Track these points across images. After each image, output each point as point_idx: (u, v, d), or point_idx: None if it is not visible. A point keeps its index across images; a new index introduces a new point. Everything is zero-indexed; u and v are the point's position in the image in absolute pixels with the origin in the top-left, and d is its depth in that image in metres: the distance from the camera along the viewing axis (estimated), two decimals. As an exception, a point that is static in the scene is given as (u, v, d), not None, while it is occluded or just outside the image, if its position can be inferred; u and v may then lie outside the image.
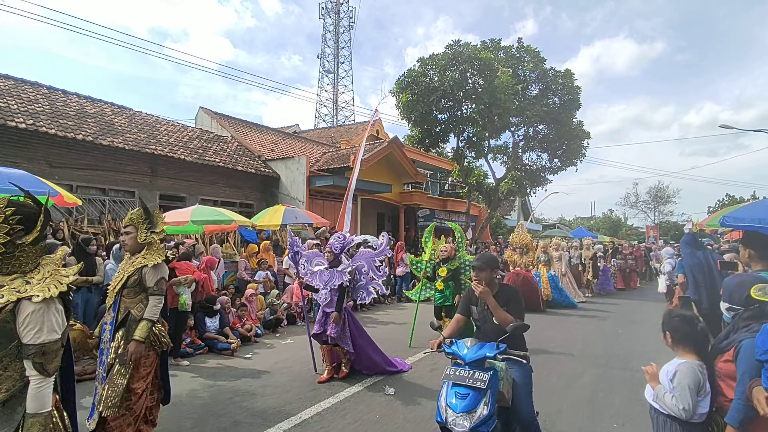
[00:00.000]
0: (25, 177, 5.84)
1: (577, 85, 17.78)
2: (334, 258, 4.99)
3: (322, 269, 5.02)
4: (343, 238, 5.11)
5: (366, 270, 5.11)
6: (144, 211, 3.24)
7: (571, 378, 5.13)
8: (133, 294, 3.08)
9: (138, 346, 2.96)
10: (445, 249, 6.56)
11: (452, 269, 6.41)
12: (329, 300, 4.86)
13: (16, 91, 10.73)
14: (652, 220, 43.40)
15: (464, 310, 3.20)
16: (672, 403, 2.13)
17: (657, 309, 10.02)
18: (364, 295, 5.10)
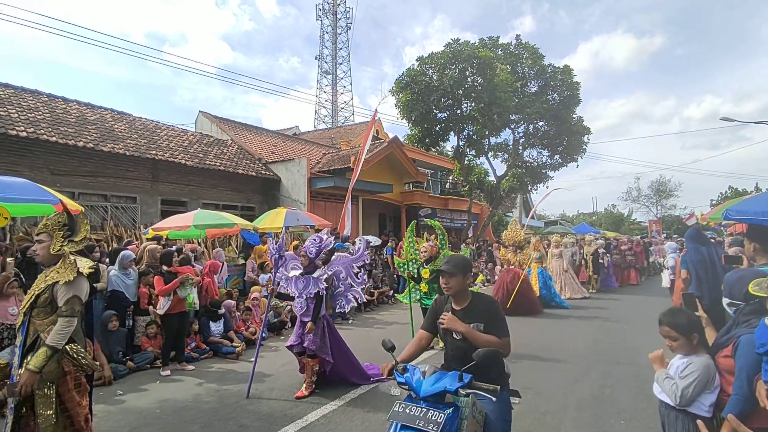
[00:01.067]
0: (28, 186, 5.86)
1: (577, 81, 17.76)
2: (309, 263, 4.60)
3: (297, 275, 4.66)
4: (319, 240, 4.69)
5: (344, 276, 4.76)
6: (66, 217, 2.83)
7: (577, 375, 5.12)
8: (44, 314, 2.63)
9: (30, 377, 2.47)
10: (426, 249, 6.14)
11: (435, 270, 6.29)
12: (305, 309, 4.55)
13: (16, 100, 10.76)
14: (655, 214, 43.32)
15: (429, 325, 2.64)
16: (670, 389, 2.14)
17: (662, 304, 9.97)
18: (343, 303, 4.77)
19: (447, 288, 2.49)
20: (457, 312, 2.50)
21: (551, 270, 11.47)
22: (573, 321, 8.50)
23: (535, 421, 3.82)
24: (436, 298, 2.71)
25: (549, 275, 10.61)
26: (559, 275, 11.55)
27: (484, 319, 2.42)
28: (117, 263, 6.06)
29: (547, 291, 10.14)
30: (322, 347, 4.54)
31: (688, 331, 2.20)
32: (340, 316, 8.71)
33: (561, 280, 11.53)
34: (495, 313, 2.47)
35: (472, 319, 2.43)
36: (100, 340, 5.28)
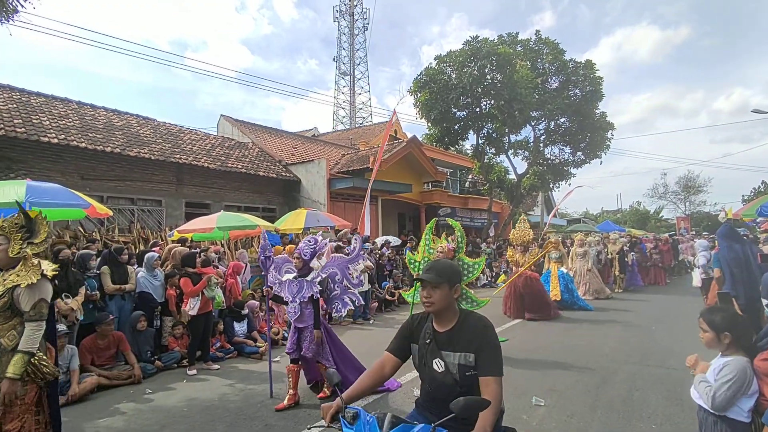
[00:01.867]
0: (60, 191, 6.08)
1: (599, 76, 17.36)
2: (303, 265, 4.37)
3: (291, 278, 4.43)
4: (314, 241, 4.45)
5: (340, 278, 4.52)
6: (24, 218, 2.75)
7: (605, 376, 5.00)
8: (3, 320, 2.56)
9: (12, 384, 2.45)
10: (442, 250, 5.84)
11: None
12: (299, 314, 4.32)
13: (47, 108, 11.18)
14: (683, 211, 41.98)
15: (398, 348, 2.06)
16: (705, 392, 2.08)
17: (692, 304, 9.68)
18: (339, 306, 4.51)
19: (428, 304, 1.89)
20: (440, 335, 1.92)
21: (574, 270, 11.14)
22: (599, 322, 8.31)
23: (561, 424, 3.75)
24: (413, 315, 2.13)
25: (570, 277, 10.12)
26: (583, 275, 11.20)
27: (475, 348, 1.82)
28: (144, 265, 6.22)
29: (569, 295, 9.66)
30: (320, 353, 4.36)
31: (719, 328, 2.18)
32: (362, 316, 8.75)
33: (585, 281, 11.16)
34: (489, 342, 1.84)
35: (458, 346, 1.85)
36: (129, 340, 5.43)
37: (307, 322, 4.31)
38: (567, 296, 9.58)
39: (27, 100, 11.15)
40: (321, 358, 4.36)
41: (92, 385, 4.62)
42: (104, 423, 4.00)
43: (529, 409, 4.07)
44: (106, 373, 4.99)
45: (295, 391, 4.32)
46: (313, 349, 4.29)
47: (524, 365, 5.50)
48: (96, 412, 4.21)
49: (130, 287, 5.98)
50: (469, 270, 5.91)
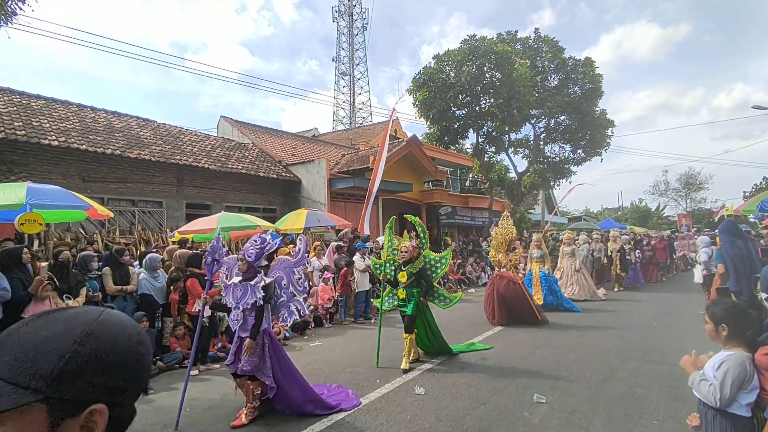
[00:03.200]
0: (61, 193, 6.10)
1: (599, 73, 17.34)
2: (248, 268, 3.98)
3: (236, 282, 4.03)
4: (261, 241, 4.07)
5: (286, 283, 4.12)
6: None
7: (607, 373, 4.99)
8: None
9: None
10: (406, 249, 5.51)
11: (414, 272, 5.48)
12: (242, 322, 3.95)
13: (48, 110, 11.20)
14: (684, 208, 41.90)
15: None
16: (708, 391, 2.08)
17: (693, 300, 9.67)
18: (285, 315, 4.09)
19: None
20: None
21: (562, 270, 10.66)
22: (599, 319, 8.30)
23: (563, 421, 3.75)
24: None
25: (554, 278, 9.53)
26: (570, 276, 10.54)
27: None
28: (145, 266, 6.23)
29: (553, 297, 9.02)
30: (260, 368, 3.86)
31: (717, 320, 2.20)
32: (363, 316, 8.75)
33: (572, 281, 10.50)
34: None
35: None
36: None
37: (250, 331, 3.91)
38: (551, 298, 8.97)
39: (27, 102, 11.17)
40: (260, 374, 3.85)
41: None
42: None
43: (531, 406, 4.07)
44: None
45: (254, 404, 3.93)
46: (252, 362, 3.80)
47: (525, 362, 5.49)
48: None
49: (132, 288, 5.99)
50: (436, 266, 5.68)
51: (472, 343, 6.39)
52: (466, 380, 4.86)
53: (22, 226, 5.32)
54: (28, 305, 4.81)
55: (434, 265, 5.68)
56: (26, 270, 5.11)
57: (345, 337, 7.35)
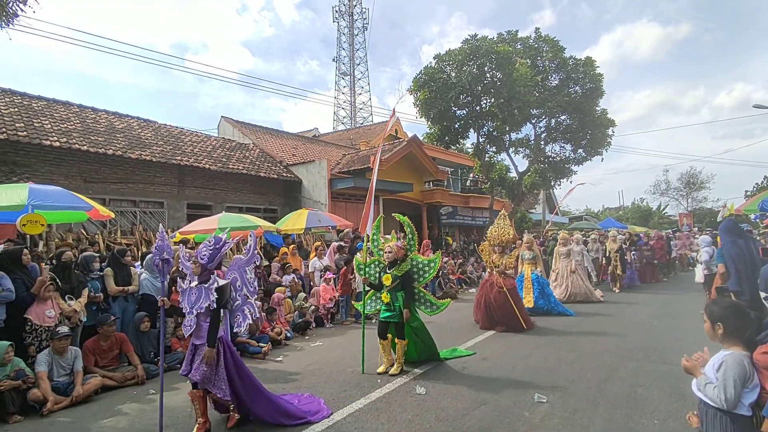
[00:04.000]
0: (63, 194, 6.12)
1: (599, 73, 17.33)
2: (202, 271, 3.71)
3: (192, 286, 3.74)
4: (215, 242, 3.81)
5: (240, 285, 3.81)
6: None
7: (607, 373, 5.00)
8: None
9: None
10: (391, 249, 5.21)
11: (399, 276, 5.17)
12: (195, 328, 3.68)
13: (49, 111, 11.23)
14: (685, 207, 41.86)
15: None
16: (714, 394, 2.09)
17: (694, 300, 9.66)
18: (240, 320, 3.75)
19: None
20: None
21: (557, 272, 10.34)
22: (598, 320, 8.29)
23: (564, 420, 3.75)
24: None
25: (546, 281, 9.08)
26: (566, 277, 10.15)
27: None
28: (146, 266, 6.25)
29: (545, 300, 8.56)
30: (212, 379, 3.59)
31: (714, 319, 2.24)
32: (364, 315, 8.75)
33: (567, 283, 10.11)
34: None
35: None
36: (132, 341, 5.45)
37: (205, 338, 3.61)
38: (543, 302, 8.51)
39: (28, 103, 11.20)
40: (210, 385, 3.59)
41: (96, 386, 4.65)
42: (108, 423, 4.02)
43: (531, 406, 4.08)
44: (110, 374, 5.00)
45: (206, 419, 3.71)
46: (202, 372, 3.55)
47: (526, 363, 5.50)
48: (100, 412, 4.23)
49: (133, 289, 6.01)
50: (425, 270, 5.36)
51: (455, 349, 6.05)
52: (467, 380, 4.87)
53: (24, 227, 5.34)
54: (31, 306, 4.84)
55: (422, 269, 5.37)
56: (27, 271, 5.13)
57: (346, 337, 7.35)
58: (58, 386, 4.46)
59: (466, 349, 6.16)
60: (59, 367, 4.57)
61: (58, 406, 4.27)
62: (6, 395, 4.06)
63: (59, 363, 4.58)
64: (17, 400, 4.15)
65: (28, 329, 4.74)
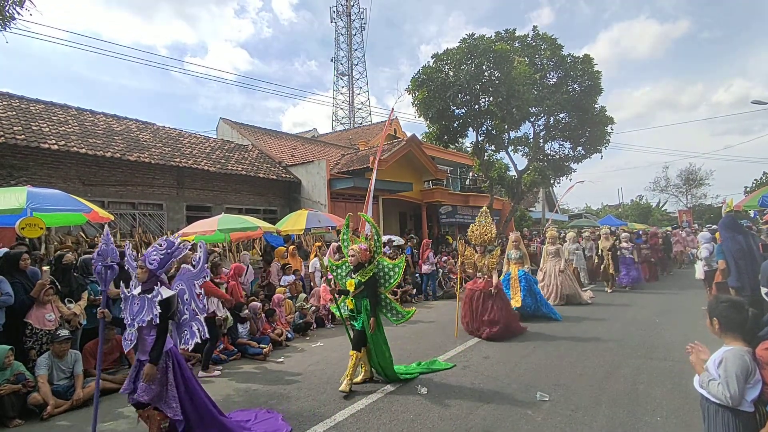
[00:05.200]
0: (61, 196, 6.10)
1: (598, 70, 17.32)
2: (148, 277, 3.39)
3: (135, 294, 3.41)
4: (167, 245, 3.42)
5: (188, 298, 3.44)
6: None
7: (609, 370, 4.99)
8: None
9: None
10: (354, 252, 4.79)
11: (363, 281, 4.75)
12: (135, 342, 3.35)
13: (47, 114, 11.20)
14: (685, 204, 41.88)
15: None
16: (717, 390, 2.08)
17: (695, 297, 9.66)
18: (187, 336, 3.38)
19: None
20: None
21: (545, 271, 9.84)
22: (600, 316, 8.28)
23: (566, 418, 3.74)
24: None
25: (534, 278, 8.54)
26: (554, 276, 9.65)
27: None
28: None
29: (532, 299, 7.97)
30: (162, 396, 3.25)
31: (710, 314, 2.29)
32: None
33: (554, 283, 9.59)
34: None
35: None
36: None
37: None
38: (530, 301, 7.92)
39: (26, 107, 11.17)
40: (161, 404, 3.25)
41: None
42: (109, 426, 4.01)
43: (534, 404, 4.07)
44: (110, 377, 4.99)
45: None
46: (151, 391, 3.21)
47: (527, 361, 5.49)
48: (101, 416, 4.19)
49: (135, 291, 5.98)
50: (389, 275, 4.91)
51: (433, 361, 5.52)
52: (469, 379, 4.86)
53: (23, 230, 5.32)
54: (31, 310, 4.82)
55: (387, 273, 4.92)
56: (26, 275, 5.11)
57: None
58: (59, 390, 4.45)
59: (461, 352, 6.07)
60: (59, 370, 4.56)
61: (58, 409, 4.26)
62: (6, 399, 4.05)
63: (59, 366, 4.57)
64: (17, 405, 4.14)
65: (28, 333, 4.73)
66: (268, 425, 3.77)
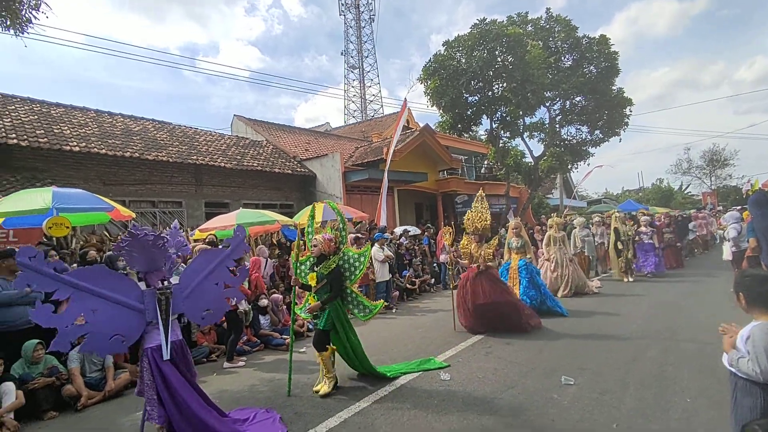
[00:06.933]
0: (84, 195, 6.26)
1: (615, 51, 16.87)
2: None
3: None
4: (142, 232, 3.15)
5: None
6: None
7: (635, 353, 4.90)
8: None
9: None
10: (318, 243, 4.42)
11: (325, 274, 4.35)
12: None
13: (67, 117, 11.46)
14: (709, 186, 40.69)
15: None
16: (748, 367, 2.04)
17: (722, 279, 9.42)
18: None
19: None
20: None
21: (555, 262, 9.04)
22: (623, 301, 8.14)
23: (593, 401, 3.69)
24: None
25: (536, 269, 7.88)
26: (565, 267, 8.98)
27: None
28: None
29: (535, 291, 7.31)
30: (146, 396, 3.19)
31: (736, 288, 2.25)
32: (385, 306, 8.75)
33: (566, 273, 8.92)
34: None
35: None
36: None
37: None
38: (533, 293, 7.27)
39: (47, 110, 11.45)
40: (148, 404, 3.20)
41: (126, 380, 4.76)
42: (140, 416, 4.11)
43: (559, 388, 4.02)
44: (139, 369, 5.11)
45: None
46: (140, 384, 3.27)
47: (550, 347, 5.43)
48: (132, 405, 4.32)
49: (158, 286, 6.11)
50: (355, 265, 4.57)
51: (428, 359, 5.10)
52: (492, 365, 4.83)
53: (50, 229, 5.47)
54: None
55: (353, 264, 4.57)
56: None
57: (367, 327, 7.33)
58: (91, 382, 4.59)
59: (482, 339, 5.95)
60: (90, 363, 4.69)
61: (91, 400, 4.39)
62: (40, 393, 4.18)
63: (90, 359, 4.70)
64: (51, 397, 4.27)
65: (59, 327, 4.87)
66: (263, 427, 3.58)
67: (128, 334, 3.13)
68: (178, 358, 3.31)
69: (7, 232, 6.12)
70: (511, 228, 8.10)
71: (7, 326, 4.48)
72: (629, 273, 10.42)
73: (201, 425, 3.20)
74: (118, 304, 3.09)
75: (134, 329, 3.16)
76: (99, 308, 3.02)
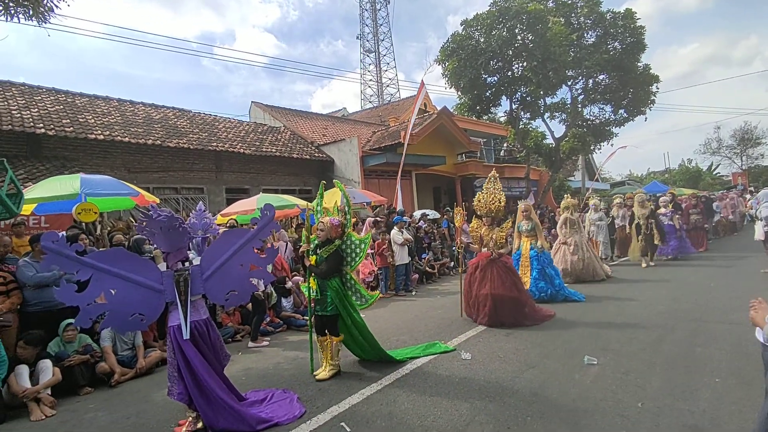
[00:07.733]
0: (110, 181, 6.44)
1: (641, 26, 16.18)
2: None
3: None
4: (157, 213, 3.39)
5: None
6: None
7: (661, 334, 4.81)
8: None
9: None
10: (323, 226, 4.35)
11: (325, 257, 4.30)
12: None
13: (91, 107, 11.72)
14: (740, 166, 39.13)
15: None
16: None
17: (752, 260, 9.12)
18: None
19: None
20: None
21: (574, 245, 8.55)
22: (647, 284, 7.97)
23: (617, 381, 3.65)
24: None
25: (549, 257, 7.41)
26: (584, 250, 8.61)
27: None
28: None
29: (547, 283, 6.95)
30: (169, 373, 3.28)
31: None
32: (404, 288, 8.80)
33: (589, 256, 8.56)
34: None
35: None
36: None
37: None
38: (544, 284, 6.93)
39: (72, 100, 11.72)
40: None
41: (156, 358, 4.93)
42: (170, 392, 4.26)
43: (582, 368, 3.99)
44: (167, 347, 5.29)
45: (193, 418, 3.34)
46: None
47: (574, 326, 5.38)
48: (162, 382, 4.45)
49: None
50: (356, 251, 4.45)
51: (434, 343, 4.97)
52: (513, 345, 4.82)
53: (79, 215, 5.65)
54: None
55: (354, 250, 4.46)
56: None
57: (388, 309, 7.43)
58: (122, 360, 4.77)
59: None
60: (122, 342, 4.88)
61: (124, 377, 4.58)
62: (76, 369, 4.37)
63: (121, 339, 4.88)
64: (87, 374, 4.46)
65: (91, 308, 5.06)
66: (281, 407, 3.59)
67: (147, 313, 3.20)
68: (202, 339, 3.34)
69: (39, 218, 6.35)
70: (520, 210, 7.67)
71: (43, 306, 4.70)
72: (649, 257, 9.94)
73: (220, 403, 3.25)
74: (136, 284, 3.17)
75: (153, 309, 3.23)
76: (118, 288, 3.11)
